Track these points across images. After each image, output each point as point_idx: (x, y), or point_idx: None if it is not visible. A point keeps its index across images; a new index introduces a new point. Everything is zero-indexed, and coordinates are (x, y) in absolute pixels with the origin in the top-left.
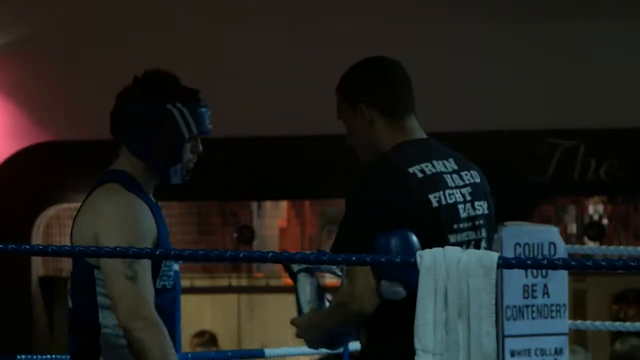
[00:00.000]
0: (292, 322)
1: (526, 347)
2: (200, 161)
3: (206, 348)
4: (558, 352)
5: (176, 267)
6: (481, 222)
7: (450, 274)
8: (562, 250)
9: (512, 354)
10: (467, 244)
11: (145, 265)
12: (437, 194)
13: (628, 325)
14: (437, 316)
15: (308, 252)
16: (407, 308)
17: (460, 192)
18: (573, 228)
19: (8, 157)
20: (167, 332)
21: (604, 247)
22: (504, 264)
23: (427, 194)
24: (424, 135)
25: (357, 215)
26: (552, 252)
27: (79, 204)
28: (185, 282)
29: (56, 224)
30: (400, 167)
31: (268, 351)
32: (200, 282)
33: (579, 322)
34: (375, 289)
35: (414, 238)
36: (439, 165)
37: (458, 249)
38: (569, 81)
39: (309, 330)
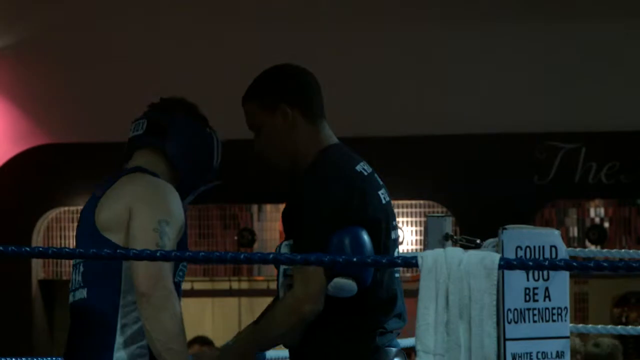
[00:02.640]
0: (225, 349)
1: (527, 350)
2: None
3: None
4: (560, 355)
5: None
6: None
7: (451, 275)
8: (564, 253)
9: (514, 357)
10: (396, 241)
11: (172, 246)
12: (381, 192)
13: (629, 329)
14: (438, 317)
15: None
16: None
17: (386, 192)
18: (574, 231)
19: (8, 160)
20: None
21: (605, 250)
22: (506, 265)
23: (376, 190)
24: (337, 140)
25: (321, 214)
26: (554, 255)
27: (80, 207)
28: (186, 285)
29: (57, 226)
30: (348, 166)
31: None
32: (200, 285)
33: (580, 325)
34: (325, 288)
35: (365, 235)
36: (367, 167)
37: (460, 249)
38: (569, 84)
39: (249, 348)
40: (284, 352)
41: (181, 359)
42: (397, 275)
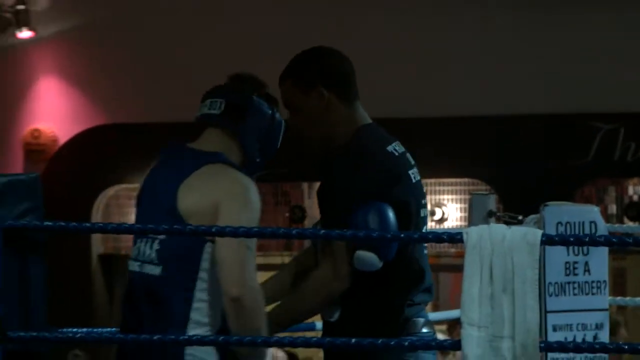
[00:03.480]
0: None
1: (568, 322)
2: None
3: None
4: (599, 327)
5: None
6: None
7: (495, 250)
8: (603, 229)
9: (555, 329)
10: (425, 218)
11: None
12: (412, 171)
13: None
14: (482, 291)
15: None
16: (383, 276)
17: (416, 171)
18: (613, 208)
19: (69, 139)
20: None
21: None
22: (547, 240)
23: (406, 170)
24: (370, 120)
25: (351, 194)
26: (593, 231)
27: (136, 185)
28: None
29: (115, 203)
30: (380, 145)
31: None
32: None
33: (618, 298)
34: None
35: (389, 211)
36: (399, 147)
37: (503, 226)
38: (608, 67)
39: (284, 320)
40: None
41: (261, 357)
42: (425, 252)
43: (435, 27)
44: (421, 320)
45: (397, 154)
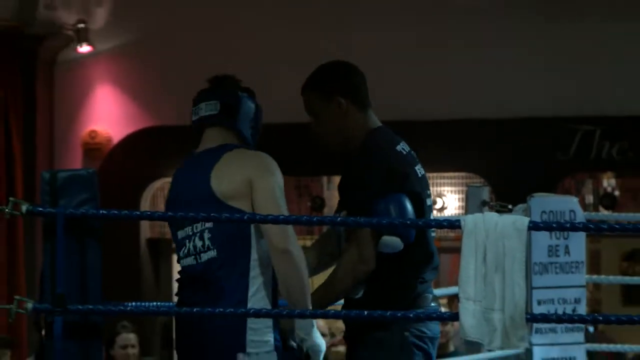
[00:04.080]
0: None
1: (550, 297)
2: (280, 143)
3: None
4: (577, 301)
5: None
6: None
7: (488, 235)
8: (581, 216)
9: (539, 303)
10: (430, 207)
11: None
12: (417, 167)
13: (636, 279)
14: (477, 270)
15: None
16: (400, 257)
17: (421, 166)
18: (590, 199)
19: (121, 139)
20: None
21: (616, 214)
22: (534, 226)
23: (413, 166)
24: (380, 123)
25: (369, 189)
26: (573, 218)
27: None
28: None
29: (160, 194)
30: (390, 146)
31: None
32: None
33: (594, 276)
34: (375, 250)
35: (407, 200)
36: (405, 146)
37: (495, 214)
38: (588, 76)
39: (324, 301)
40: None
41: (309, 304)
42: (433, 234)
43: (435, 38)
44: (430, 295)
45: (405, 152)
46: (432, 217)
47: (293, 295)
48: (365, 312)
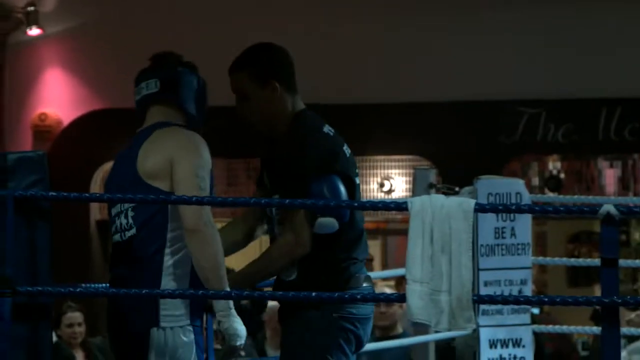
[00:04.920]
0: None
1: (497, 279)
2: (230, 125)
3: None
4: (523, 282)
5: None
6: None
7: (435, 217)
8: (527, 198)
9: (485, 284)
10: (359, 186)
11: (208, 187)
12: (345, 147)
13: (580, 261)
14: (424, 252)
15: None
16: (333, 238)
17: (347, 147)
18: (536, 181)
19: (71, 122)
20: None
21: (561, 196)
22: (480, 208)
23: (341, 146)
24: (304, 106)
25: (305, 168)
26: (519, 200)
27: None
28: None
29: None
30: (319, 128)
31: None
32: None
33: (540, 258)
34: (311, 233)
35: (339, 181)
36: (330, 128)
37: (442, 196)
38: (533, 59)
39: (255, 278)
40: None
41: (222, 283)
42: (362, 215)
43: (384, 27)
44: (362, 276)
45: (332, 134)
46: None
47: (204, 273)
48: (302, 294)
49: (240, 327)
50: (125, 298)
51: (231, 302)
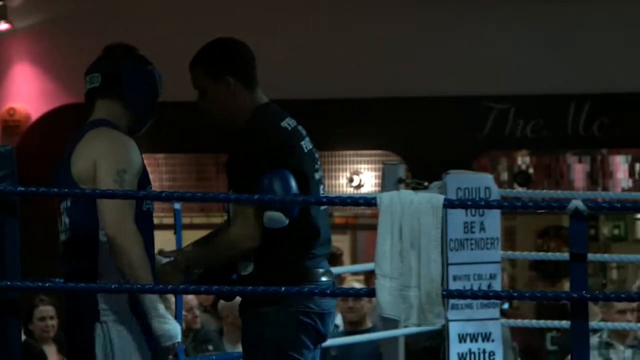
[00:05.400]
0: (173, 264)
1: (466, 273)
2: (199, 120)
3: None
4: (492, 277)
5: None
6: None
7: (404, 212)
8: (496, 193)
9: (455, 279)
10: (320, 179)
11: (132, 188)
12: (303, 142)
13: (549, 255)
14: (393, 247)
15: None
16: (287, 233)
17: (308, 141)
18: (505, 176)
19: (39, 117)
20: (143, 245)
21: (530, 191)
22: (449, 204)
23: (298, 141)
24: (267, 100)
25: (254, 163)
26: (488, 195)
27: None
28: (185, 220)
29: None
30: (275, 122)
31: None
32: (198, 220)
33: (509, 252)
34: (261, 227)
35: (290, 175)
36: (291, 121)
37: (411, 191)
38: (502, 55)
39: (196, 264)
40: None
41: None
42: (322, 209)
43: (348, 17)
44: (320, 270)
45: (290, 128)
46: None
47: (124, 276)
48: (261, 288)
49: (168, 327)
50: (70, 295)
51: (157, 303)
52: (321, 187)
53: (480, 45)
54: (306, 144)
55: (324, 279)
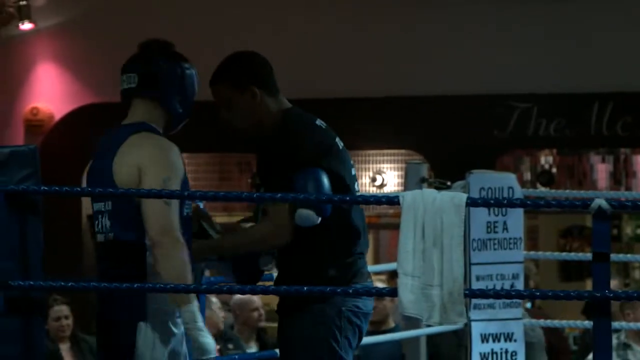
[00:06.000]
0: (219, 244)
1: (489, 273)
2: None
3: None
4: (515, 277)
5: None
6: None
7: (427, 211)
8: (519, 193)
9: (477, 279)
10: (355, 176)
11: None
12: (337, 140)
13: (572, 255)
14: (416, 246)
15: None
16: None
17: (339, 139)
18: (528, 175)
19: (63, 116)
20: (188, 254)
21: (553, 191)
22: (472, 203)
23: (334, 139)
24: (290, 105)
25: (297, 161)
26: (511, 195)
27: None
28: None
29: None
30: (310, 121)
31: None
32: (220, 219)
33: (532, 252)
34: (292, 221)
35: (324, 174)
36: (322, 122)
37: (434, 190)
38: (525, 54)
39: (226, 249)
40: None
41: (185, 298)
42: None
43: (370, 17)
44: (366, 272)
45: (324, 127)
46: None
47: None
48: (305, 288)
49: (207, 341)
50: (112, 295)
51: (198, 316)
52: (356, 183)
53: (504, 44)
54: (339, 142)
55: (369, 280)
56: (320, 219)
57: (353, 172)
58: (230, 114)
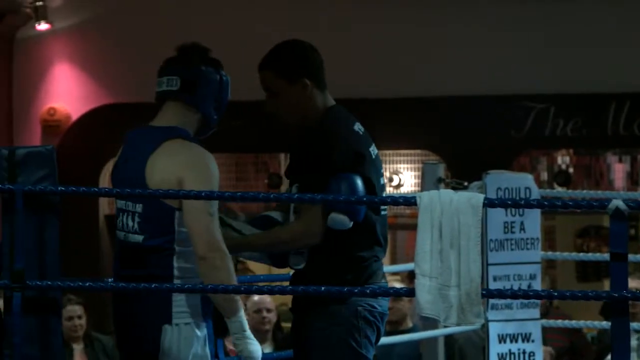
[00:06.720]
0: (246, 241)
1: (506, 273)
2: (239, 119)
3: None
4: (532, 277)
5: None
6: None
7: (444, 212)
8: (536, 193)
9: (495, 279)
10: (384, 186)
11: (217, 209)
12: (372, 147)
13: (590, 256)
14: (433, 246)
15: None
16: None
17: (374, 146)
18: (544, 176)
19: (80, 117)
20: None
21: (570, 191)
22: (489, 203)
23: (368, 147)
24: (334, 102)
25: (329, 165)
26: (528, 195)
27: None
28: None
29: None
30: (348, 126)
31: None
32: None
33: (549, 253)
34: (324, 223)
35: (359, 180)
36: (361, 126)
37: (451, 191)
38: (542, 54)
39: (257, 246)
40: None
41: (234, 307)
42: (383, 213)
43: (389, 17)
44: (381, 273)
45: (361, 132)
46: (385, 194)
47: (215, 299)
48: (323, 288)
49: (254, 349)
50: (136, 296)
51: (246, 325)
52: (384, 193)
53: (521, 44)
54: (373, 150)
55: (384, 281)
56: (352, 223)
57: (382, 182)
58: (275, 102)
